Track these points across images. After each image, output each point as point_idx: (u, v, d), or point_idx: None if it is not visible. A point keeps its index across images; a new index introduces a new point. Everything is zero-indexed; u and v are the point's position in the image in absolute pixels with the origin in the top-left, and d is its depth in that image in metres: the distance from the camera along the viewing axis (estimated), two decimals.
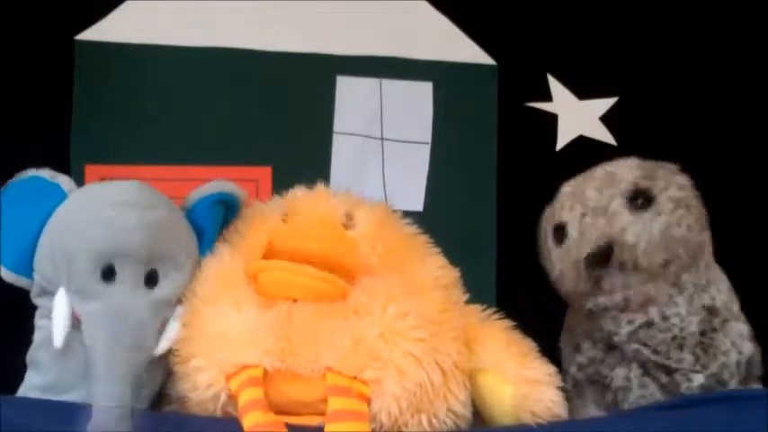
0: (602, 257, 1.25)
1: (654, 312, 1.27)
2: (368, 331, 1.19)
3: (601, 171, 1.32)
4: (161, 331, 1.22)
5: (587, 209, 1.28)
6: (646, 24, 1.85)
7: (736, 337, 1.28)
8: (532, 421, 1.25)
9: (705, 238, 1.31)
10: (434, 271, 1.32)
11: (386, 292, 1.22)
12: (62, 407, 1.18)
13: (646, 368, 1.28)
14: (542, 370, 1.28)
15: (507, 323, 1.34)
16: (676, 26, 1.85)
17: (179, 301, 1.25)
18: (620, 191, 1.27)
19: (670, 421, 1.18)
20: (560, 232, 1.31)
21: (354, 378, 1.18)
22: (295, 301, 1.22)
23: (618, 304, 1.27)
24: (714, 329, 1.27)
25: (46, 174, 1.29)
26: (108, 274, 1.20)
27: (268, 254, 1.25)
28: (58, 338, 1.20)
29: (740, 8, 1.83)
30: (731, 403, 1.20)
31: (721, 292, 1.30)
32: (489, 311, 1.35)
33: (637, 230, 1.25)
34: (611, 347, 1.32)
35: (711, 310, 1.28)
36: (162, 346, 1.22)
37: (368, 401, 1.18)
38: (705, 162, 1.70)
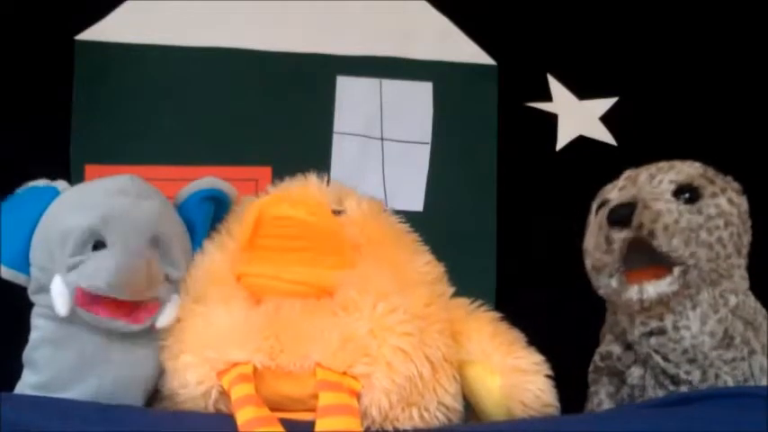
0: (624, 215, 1.21)
1: (668, 320, 1.26)
2: (357, 327, 1.19)
3: (664, 162, 1.30)
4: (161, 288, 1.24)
5: (634, 186, 1.27)
6: (646, 24, 1.85)
7: (756, 370, 1.27)
8: (523, 412, 1.25)
9: (735, 261, 1.27)
10: (421, 267, 1.32)
11: (376, 288, 1.22)
12: (60, 403, 1.18)
13: (654, 373, 1.28)
14: (529, 359, 1.28)
15: (493, 315, 1.34)
16: (676, 26, 1.85)
17: (176, 290, 1.26)
18: (671, 178, 1.26)
19: (667, 418, 1.17)
20: (603, 207, 1.30)
21: (344, 373, 1.18)
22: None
23: (632, 299, 1.25)
24: (742, 358, 1.26)
25: (41, 182, 1.31)
26: (99, 246, 1.21)
27: (256, 231, 1.24)
28: (63, 308, 1.21)
29: (740, 8, 1.83)
30: (730, 401, 1.19)
31: (759, 325, 1.28)
32: (475, 304, 1.35)
33: (668, 208, 1.22)
34: (628, 346, 1.31)
35: (740, 339, 1.26)
36: (162, 321, 1.24)
37: (358, 396, 1.18)
38: (705, 162, 1.70)
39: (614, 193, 1.29)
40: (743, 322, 1.27)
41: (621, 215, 1.22)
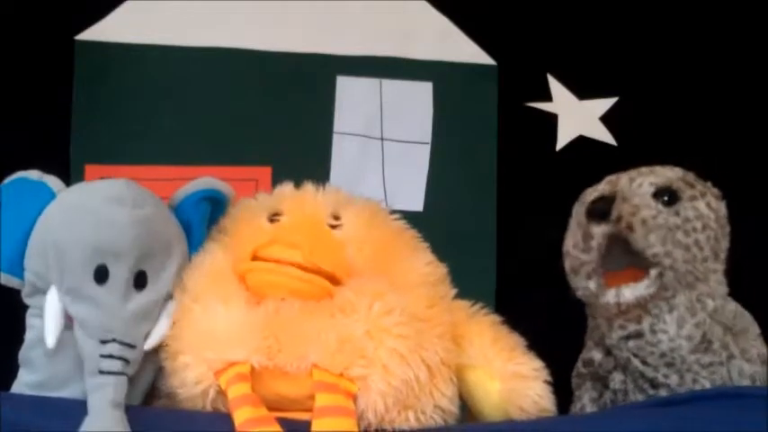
0: (603, 207, 1.22)
1: (646, 323, 1.26)
2: (354, 329, 1.20)
3: (645, 167, 1.31)
4: (151, 328, 1.23)
5: (614, 188, 1.27)
6: (646, 24, 1.85)
7: (735, 375, 1.27)
8: (520, 416, 1.26)
9: (712, 266, 1.26)
10: (422, 267, 1.32)
11: (372, 289, 1.22)
12: (60, 403, 1.18)
13: (634, 377, 1.28)
14: (529, 365, 1.28)
15: (494, 318, 1.34)
16: (676, 26, 1.85)
17: (170, 297, 1.25)
18: (651, 181, 1.26)
19: (667, 418, 1.17)
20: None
21: (341, 375, 1.18)
22: (283, 299, 1.22)
23: (609, 302, 1.26)
24: (720, 363, 1.26)
25: (33, 175, 1.29)
26: (100, 274, 1.20)
27: (256, 255, 1.25)
28: (51, 338, 1.20)
29: (740, 8, 1.83)
30: (730, 401, 1.19)
31: (739, 330, 1.28)
32: (477, 307, 1.34)
33: (646, 204, 1.23)
34: (608, 351, 1.31)
35: (719, 343, 1.26)
36: (150, 342, 1.22)
37: (354, 398, 1.18)
38: (705, 162, 1.70)
39: (594, 196, 1.30)
40: (722, 327, 1.27)
41: (601, 207, 1.23)
